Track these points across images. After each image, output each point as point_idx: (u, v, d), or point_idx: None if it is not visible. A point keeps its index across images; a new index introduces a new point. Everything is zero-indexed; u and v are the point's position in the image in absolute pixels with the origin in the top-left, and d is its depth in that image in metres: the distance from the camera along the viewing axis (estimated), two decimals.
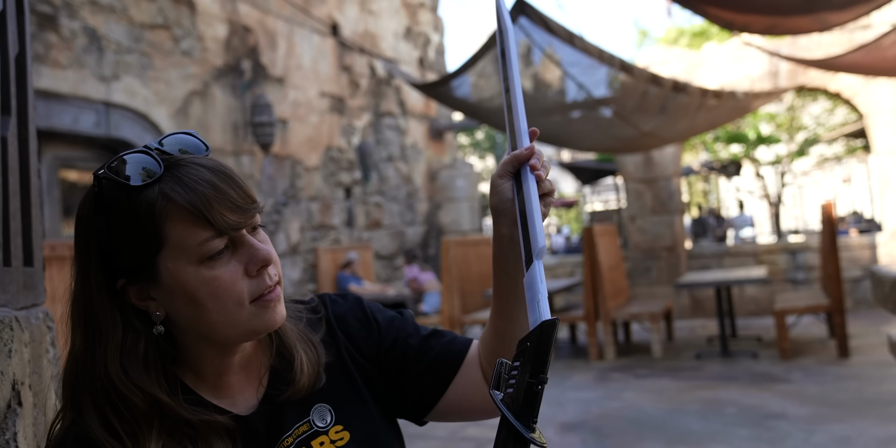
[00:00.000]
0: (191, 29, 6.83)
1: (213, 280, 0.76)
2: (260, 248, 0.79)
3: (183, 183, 0.76)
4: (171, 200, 0.75)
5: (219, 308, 0.77)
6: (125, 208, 0.76)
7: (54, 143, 5.56)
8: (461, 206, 11.07)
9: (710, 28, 13.55)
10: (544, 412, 3.26)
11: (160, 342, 0.80)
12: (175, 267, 0.76)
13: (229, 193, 0.77)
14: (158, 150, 0.79)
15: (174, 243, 0.76)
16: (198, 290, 0.77)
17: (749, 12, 5.33)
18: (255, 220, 0.80)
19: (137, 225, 0.75)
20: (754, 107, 7.81)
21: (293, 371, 0.86)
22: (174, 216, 0.75)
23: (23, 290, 1.16)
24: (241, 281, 0.78)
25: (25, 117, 1.36)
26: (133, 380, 0.76)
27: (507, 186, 0.83)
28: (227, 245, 0.78)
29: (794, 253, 8.57)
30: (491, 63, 6.04)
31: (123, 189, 0.76)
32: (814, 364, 5.59)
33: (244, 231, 0.79)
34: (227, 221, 0.76)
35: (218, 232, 0.76)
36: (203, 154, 0.83)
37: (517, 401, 0.64)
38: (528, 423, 0.64)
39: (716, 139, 12.71)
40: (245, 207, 0.78)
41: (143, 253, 0.77)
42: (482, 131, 21.90)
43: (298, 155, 8.23)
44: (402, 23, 10.88)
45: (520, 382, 0.65)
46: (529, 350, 0.66)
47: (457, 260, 6.91)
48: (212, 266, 0.77)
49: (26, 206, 1.30)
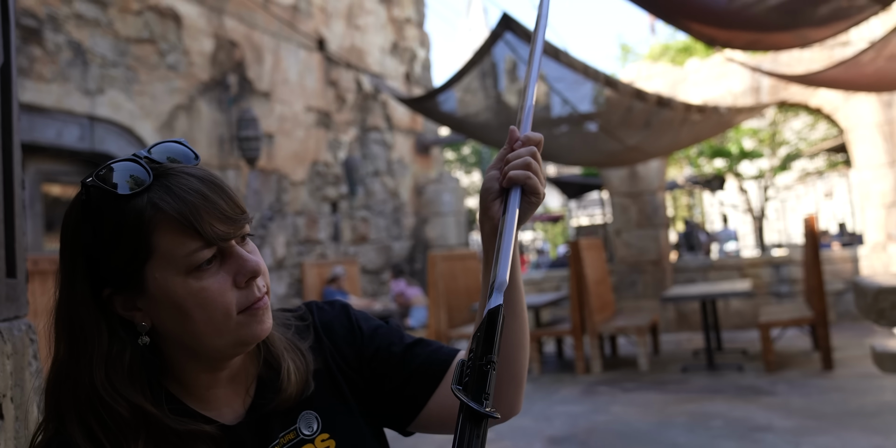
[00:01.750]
0: (177, 43, 6.83)
1: (200, 291, 0.76)
2: (249, 260, 0.78)
3: (172, 192, 0.75)
4: (159, 210, 0.74)
5: (206, 319, 0.76)
6: (113, 217, 0.75)
7: (38, 156, 5.51)
8: (448, 220, 11.08)
9: (693, 44, 13.74)
10: (531, 426, 3.25)
11: (146, 353, 0.79)
12: (163, 277, 0.75)
13: (219, 203, 0.76)
14: (147, 159, 0.79)
15: (162, 253, 0.75)
16: (185, 300, 0.76)
17: (731, 28, 5.41)
18: (245, 231, 0.79)
19: (125, 234, 0.75)
20: (737, 122, 7.91)
21: (280, 380, 0.85)
22: (163, 226, 0.74)
23: (5, 301, 1.15)
24: (230, 292, 0.77)
25: (10, 128, 1.35)
26: (118, 390, 0.75)
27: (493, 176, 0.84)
28: (216, 255, 0.77)
29: (778, 266, 8.65)
30: (477, 79, 6.08)
31: (111, 197, 0.75)
32: (798, 376, 5.62)
33: (233, 242, 0.78)
34: (215, 232, 0.75)
35: (206, 242, 0.75)
36: (192, 163, 0.82)
37: (472, 383, 0.70)
38: (480, 399, 0.69)
39: (700, 154, 12.84)
40: (234, 218, 0.77)
41: (130, 263, 0.75)
42: (468, 146, 21.99)
43: (284, 169, 8.22)
44: (389, 38, 10.95)
45: (473, 367, 0.71)
46: (480, 338, 0.72)
47: (443, 274, 6.90)
48: (200, 277, 0.76)
49: (10, 217, 1.29)
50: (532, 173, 0.81)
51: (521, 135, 0.83)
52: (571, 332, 6.57)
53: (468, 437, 0.68)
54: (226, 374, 0.84)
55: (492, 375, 0.70)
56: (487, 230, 0.85)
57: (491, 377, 0.70)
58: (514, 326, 0.90)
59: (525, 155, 0.82)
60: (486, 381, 0.70)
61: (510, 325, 0.89)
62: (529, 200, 0.82)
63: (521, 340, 0.91)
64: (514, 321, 0.90)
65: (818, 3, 4.50)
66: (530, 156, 0.81)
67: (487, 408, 0.69)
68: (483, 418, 0.69)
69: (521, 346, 0.92)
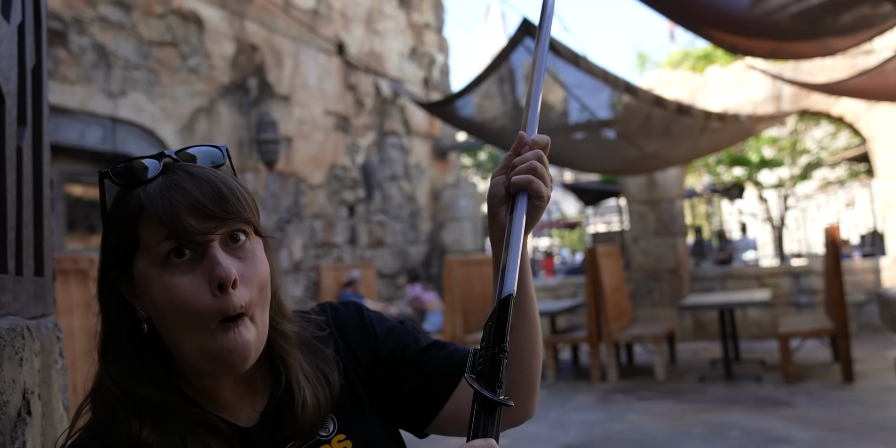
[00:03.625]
0: (198, 46, 6.89)
1: (171, 287, 0.75)
2: (221, 264, 0.75)
3: (160, 187, 0.77)
4: (142, 202, 0.76)
5: (178, 319, 0.75)
6: (115, 206, 0.80)
7: (61, 157, 5.58)
8: (464, 225, 11.08)
9: (714, 51, 13.65)
10: (546, 433, 3.22)
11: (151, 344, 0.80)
12: (144, 268, 0.77)
13: (200, 200, 0.75)
14: (171, 157, 0.81)
15: (143, 245, 0.77)
16: (158, 295, 0.76)
17: (753, 36, 5.37)
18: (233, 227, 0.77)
19: (121, 223, 0.78)
20: (757, 130, 7.84)
21: (294, 410, 0.83)
22: (144, 216, 0.76)
23: (33, 299, 1.15)
24: (204, 297, 0.74)
25: (40, 128, 1.36)
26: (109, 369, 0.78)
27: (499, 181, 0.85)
28: (183, 251, 0.75)
29: (798, 276, 8.55)
30: (494, 84, 6.08)
31: (115, 188, 0.80)
32: (818, 388, 5.54)
33: (214, 243, 0.76)
34: (184, 226, 0.74)
35: (170, 235, 0.75)
36: (218, 163, 0.84)
37: (484, 372, 0.71)
38: (494, 388, 0.70)
39: (719, 162, 12.74)
40: (214, 215, 0.75)
41: (123, 251, 0.78)
42: (485, 152, 21.99)
43: (302, 173, 8.26)
44: (408, 43, 10.98)
45: (486, 356, 0.72)
46: (491, 328, 0.74)
47: (459, 279, 6.89)
48: (172, 272, 0.75)
49: (38, 216, 1.30)
50: (536, 177, 0.81)
51: (528, 139, 0.84)
52: (587, 340, 6.53)
53: (483, 424, 0.70)
54: (231, 381, 0.83)
55: (504, 364, 0.72)
56: (497, 236, 0.85)
57: (503, 366, 0.72)
58: (526, 330, 0.90)
59: (531, 158, 0.82)
60: (499, 370, 0.71)
61: (522, 328, 0.89)
62: (534, 203, 0.82)
63: (533, 344, 0.91)
64: (525, 325, 0.89)
65: (841, 11, 4.45)
66: (536, 159, 0.82)
67: (501, 396, 0.70)
68: (497, 406, 0.70)
69: (534, 349, 0.91)
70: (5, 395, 0.91)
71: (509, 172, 0.83)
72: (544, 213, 0.87)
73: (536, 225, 0.87)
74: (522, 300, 0.87)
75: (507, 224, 0.81)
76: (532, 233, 0.93)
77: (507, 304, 0.74)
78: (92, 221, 6.09)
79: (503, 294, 0.75)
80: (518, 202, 0.81)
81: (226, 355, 0.76)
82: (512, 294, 0.75)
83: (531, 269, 0.93)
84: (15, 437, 0.94)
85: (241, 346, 0.76)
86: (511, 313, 0.74)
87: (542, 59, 0.86)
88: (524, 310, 0.88)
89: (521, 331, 0.89)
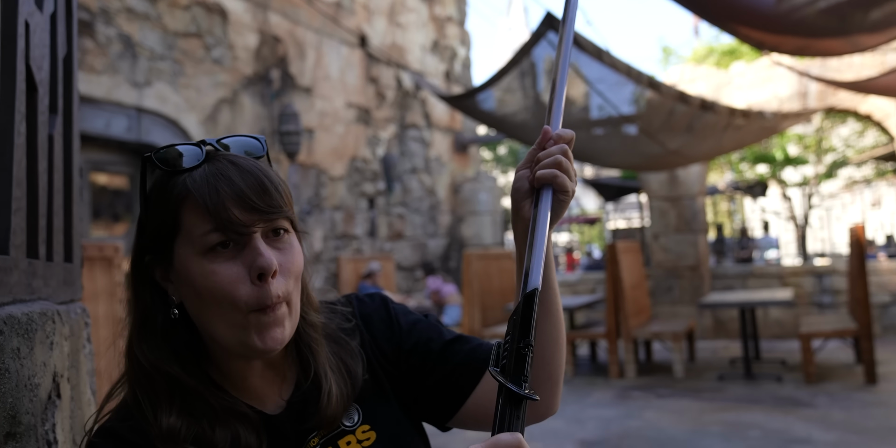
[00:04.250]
0: (222, 38, 6.93)
1: (211, 274, 0.76)
2: (263, 254, 0.76)
3: (206, 175, 0.78)
4: (188, 189, 0.77)
5: (216, 305, 0.77)
6: (157, 191, 0.80)
7: (86, 146, 5.65)
8: (483, 219, 11.06)
9: (739, 47, 13.48)
10: (563, 428, 3.21)
11: (180, 328, 0.81)
12: (184, 254, 0.78)
13: (245, 192, 0.77)
14: (212, 145, 0.82)
15: (185, 231, 0.77)
16: (197, 281, 0.77)
17: (780, 33, 5.29)
18: (276, 224, 0.79)
19: (163, 208, 0.78)
20: (782, 127, 7.73)
21: (320, 401, 0.84)
22: (189, 204, 0.77)
23: (63, 285, 1.17)
24: (243, 284, 0.76)
25: (70, 117, 1.37)
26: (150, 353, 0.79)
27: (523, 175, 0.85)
28: (230, 243, 0.77)
29: (821, 276, 8.44)
30: (516, 79, 6.05)
31: (159, 173, 0.80)
32: (840, 389, 5.47)
33: (256, 234, 0.77)
34: (230, 217, 0.76)
35: (217, 226, 0.76)
36: (257, 155, 0.85)
37: (510, 366, 0.71)
38: (519, 382, 0.70)
39: (742, 159, 12.59)
40: (259, 208, 0.77)
41: (164, 236, 0.79)
42: (505, 146, 21.93)
43: (324, 164, 8.29)
44: (430, 36, 10.96)
45: (511, 350, 0.72)
46: (516, 322, 0.73)
47: (478, 273, 6.88)
48: (213, 259, 0.76)
49: (68, 204, 1.32)
50: (561, 171, 0.81)
51: (553, 133, 0.83)
52: (606, 336, 6.50)
53: (508, 418, 0.69)
54: (260, 366, 0.84)
55: (529, 358, 0.71)
56: (520, 230, 0.85)
57: (528, 360, 0.71)
58: (550, 325, 0.89)
59: (556, 153, 0.82)
60: (525, 364, 0.71)
61: (545, 324, 0.88)
62: (558, 198, 0.82)
63: (557, 339, 0.91)
64: (548, 320, 0.89)
65: (870, 6, 4.36)
66: (561, 154, 0.81)
67: (526, 390, 0.70)
68: (522, 400, 0.70)
69: (557, 345, 0.91)
70: (37, 378, 0.92)
71: (534, 167, 0.83)
72: None
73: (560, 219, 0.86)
74: (546, 295, 0.87)
75: (531, 218, 0.81)
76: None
77: (533, 299, 0.74)
78: (116, 210, 6.16)
79: (528, 288, 0.75)
80: (543, 196, 0.81)
81: (260, 341, 0.78)
82: (537, 288, 0.75)
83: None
84: (45, 419, 0.95)
85: (277, 333, 0.79)
86: (536, 308, 0.74)
87: (567, 53, 0.86)
88: (548, 305, 0.88)
89: (544, 326, 0.88)
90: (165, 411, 0.77)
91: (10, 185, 0.94)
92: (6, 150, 0.94)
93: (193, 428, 0.77)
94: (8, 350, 0.84)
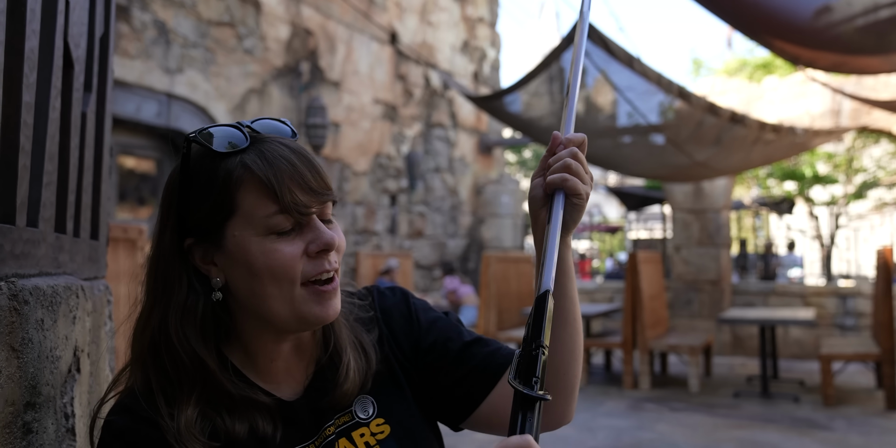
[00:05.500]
0: (255, 28, 6.96)
1: (272, 252, 0.77)
2: (325, 232, 0.79)
3: (264, 156, 0.78)
4: (248, 170, 0.77)
5: (273, 282, 0.78)
6: (206, 172, 0.79)
7: (115, 129, 5.70)
8: (504, 222, 11.02)
9: (773, 61, 13.31)
10: (574, 436, 3.16)
11: (217, 311, 0.81)
12: (241, 235, 0.78)
13: (305, 174, 0.78)
14: (249, 128, 0.82)
15: (244, 212, 0.78)
16: (256, 260, 0.77)
17: (816, 48, 5.21)
18: (327, 208, 0.81)
19: (214, 190, 0.78)
20: (813, 145, 7.61)
21: (338, 375, 0.85)
22: (248, 186, 0.77)
23: (88, 261, 1.16)
24: (300, 260, 0.78)
25: (104, 96, 1.37)
26: (187, 338, 0.78)
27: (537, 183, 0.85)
28: (294, 226, 0.79)
29: (845, 297, 8.28)
30: (544, 83, 6.01)
31: (208, 154, 0.79)
32: (858, 414, 5.36)
33: (314, 216, 0.80)
34: (295, 200, 0.77)
35: (283, 208, 0.77)
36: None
37: (523, 368, 0.72)
38: (531, 384, 0.71)
39: (769, 175, 12.42)
40: (318, 191, 0.79)
41: (214, 217, 0.79)
42: (530, 150, 21.85)
43: (348, 159, 8.30)
44: (460, 36, 10.94)
45: (523, 352, 0.73)
46: (529, 324, 0.74)
47: (496, 276, 6.85)
48: (274, 239, 0.78)
49: (97, 181, 1.31)
50: (571, 174, 0.81)
51: (563, 137, 0.83)
52: (622, 346, 6.43)
53: (521, 421, 0.70)
54: (290, 348, 0.85)
55: (541, 359, 0.72)
56: (539, 238, 0.85)
57: (540, 361, 0.72)
58: (566, 334, 0.88)
59: (565, 156, 0.82)
60: (536, 365, 0.72)
61: (561, 332, 0.88)
62: (571, 202, 0.82)
63: (573, 349, 0.90)
64: (565, 329, 0.88)
65: None
66: (570, 157, 0.82)
67: (539, 391, 0.71)
68: (535, 402, 0.70)
69: (573, 354, 0.90)
70: (58, 351, 0.92)
71: (546, 173, 0.83)
72: (585, 216, 0.87)
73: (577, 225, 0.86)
74: (562, 303, 0.86)
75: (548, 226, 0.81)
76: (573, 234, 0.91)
77: (545, 301, 0.74)
78: (142, 194, 6.21)
79: (540, 290, 0.76)
80: (555, 201, 0.81)
81: (321, 311, 0.80)
82: (549, 290, 0.75)
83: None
84: (64, 392, 0.95)
85: (335, 303, 0.82)
86: (549, 310, 0.74)
87: (579, 58, 0.87)
88: (564, 313, 0.87)
89: (560, 334, 0.87)
90: (185, 401, 0.77)
91: (42, 159, 0.93)
92: (41, 124, 0.94)
93: (209, 422, 0.77)
94: (32, 321, 0.84)
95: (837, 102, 8.34)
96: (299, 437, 0.82)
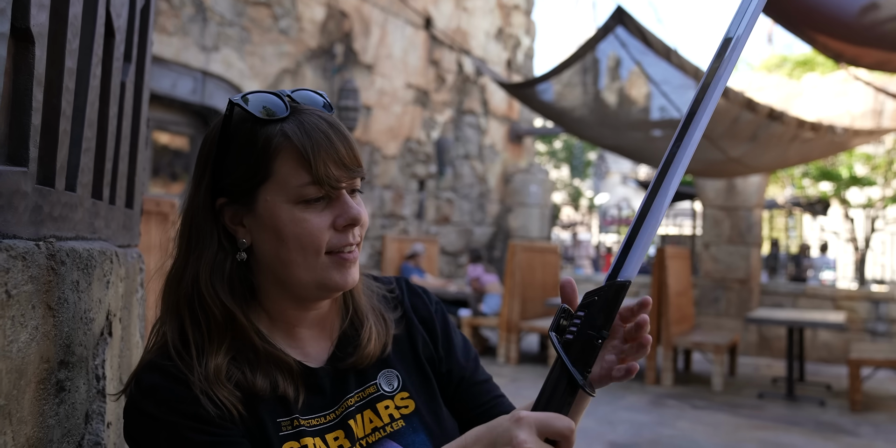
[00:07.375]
0: (290, 9, 6.96)
1: (301, 221, 0.80)
2: (353, 206, 0.82)
3: (303, 127, 0.81)
4: (287, 138, 0.80)
5: (299, 249, 0.80)
6: (245, 137, 0.81)
7: (151, 104, 5.75)
8: (532, 211, 10.96)
9: (814, 58, 12.99)
10: (594, 428, 3.14)
11: (243, 270, 0.83)
12: (272, 200, 0.80)
13: (339, 148, 0.81)
14: (289, 97, 0.84)
15: (278, 179, 0.80)
16: (285, 227, 0.80)
17: (861, 45, 5.07)
18: (355, 183, 0.84)
19: (252, 154, 0.80)
20: (852, 145, 7.43)
21: (360, 338, 0.88)
22: (286, 154, 0.80)
23: (122, 229, 1.17)
24: (327, 231, 0.81)
25: (143, 67, 1.38)
26: (217, 291, 0.80)
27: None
28: (323, 197, 0.81)
29: (877, 302, 8.10)
30: (578, 74, 5.93)
31: (249, 119, 0.81)
32: (886, 420, 5.25)
33: (343, 190, 0.82)
34: (328, 173, 0.79)
35: (315, 180, 0.79)
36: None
37: (576, 348, 0.71)
38: (583, 372, 0.71)
39: (805, 174, 12.17)
40: (349, 166, 0.81)
41: (248, 180, 0.81)
42: (560, 140, 21.66)
43: (378, 142, 8.29)
44: (495, 23, 10.84)
45: (581, 332, 0.72)
46: (597, 304, 0.72)
47: (521, 265, 6.81)
48: (304, 209, 0.80)
49: (134, 151, 1.32)
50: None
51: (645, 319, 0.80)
52: None
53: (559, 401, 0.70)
54: (313, 316, 0.87)
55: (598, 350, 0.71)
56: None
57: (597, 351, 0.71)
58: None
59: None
60: (593, 354, 0.71)
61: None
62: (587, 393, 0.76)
63: None
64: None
65: None
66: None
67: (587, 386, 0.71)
68: (578, 389, 0.70)
69: None
70: (91, 313, 0.93)
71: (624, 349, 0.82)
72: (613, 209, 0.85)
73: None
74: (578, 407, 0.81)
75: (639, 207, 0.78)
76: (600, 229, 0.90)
77: (622, 292, 0.73)
78: (175, 169, 6.27)
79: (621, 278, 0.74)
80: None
81: (341, 279, 0.83)
82: (629, 281, 0.73)
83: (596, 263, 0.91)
84: (96, 354, 0.96)
85: (354, 272, 0.84)
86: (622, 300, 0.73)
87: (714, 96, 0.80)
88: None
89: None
90: (214, 351, 0.79)
91: (82, 125, 0.94)
92: (82, 91, 0.94)
93: (235, 372, 0.79)
94: (68, 282, 0.85)
95: (880, 102, 8.11)
96: (320, 405, 0.84)
